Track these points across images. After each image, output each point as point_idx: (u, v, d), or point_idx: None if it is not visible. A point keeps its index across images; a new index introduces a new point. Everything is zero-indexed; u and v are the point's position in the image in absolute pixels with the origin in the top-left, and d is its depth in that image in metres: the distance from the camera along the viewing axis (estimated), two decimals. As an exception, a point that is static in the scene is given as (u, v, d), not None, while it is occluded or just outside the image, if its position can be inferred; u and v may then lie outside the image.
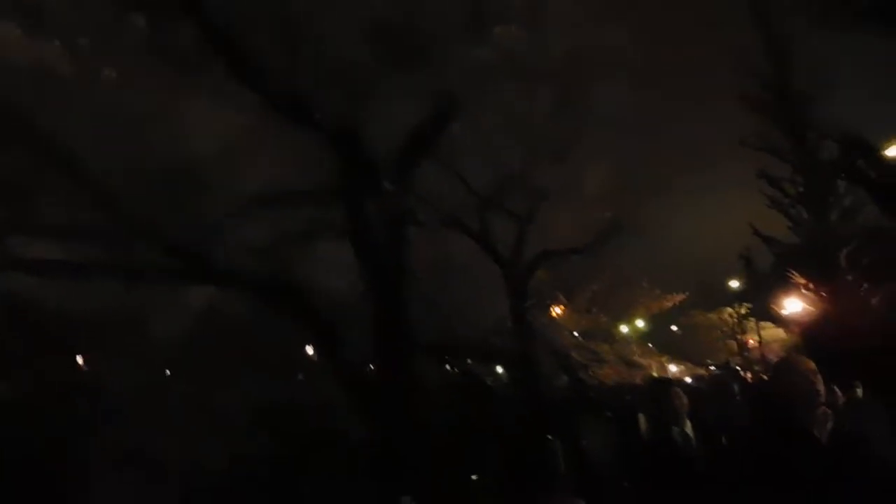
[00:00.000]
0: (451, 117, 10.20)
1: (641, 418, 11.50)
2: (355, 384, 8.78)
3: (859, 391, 7.84)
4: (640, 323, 25.72)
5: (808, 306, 16.80)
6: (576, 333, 20.30)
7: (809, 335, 16.96)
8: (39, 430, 9.83)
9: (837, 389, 6.90)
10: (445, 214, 14.47)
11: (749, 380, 16.77)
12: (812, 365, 3.23)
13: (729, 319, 31.47)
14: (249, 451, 10.54)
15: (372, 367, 9.25)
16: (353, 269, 9.71)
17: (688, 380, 21.06)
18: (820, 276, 16.63)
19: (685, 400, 5.40)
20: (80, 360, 13.67)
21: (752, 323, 27.51)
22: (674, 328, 31.76)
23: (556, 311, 19.83)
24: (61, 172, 8.99)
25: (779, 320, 20.35)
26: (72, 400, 11.42)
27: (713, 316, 32.05)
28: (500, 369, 19.58)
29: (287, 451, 10.66)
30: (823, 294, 16.51)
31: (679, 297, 24.57)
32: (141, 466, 9.22)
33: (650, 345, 24.54)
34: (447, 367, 17.81)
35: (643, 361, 22.84)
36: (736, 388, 9.64)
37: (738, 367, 23.60)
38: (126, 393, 10.83)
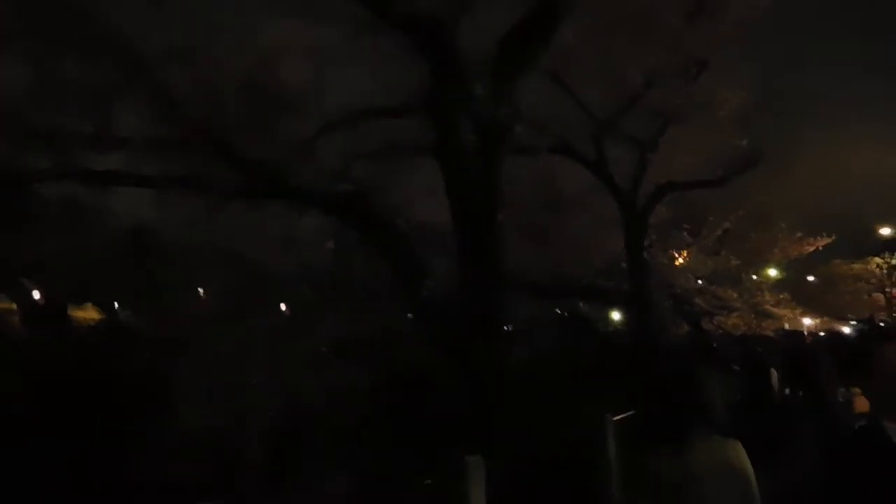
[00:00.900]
0: (560, 16, 8.62)
1: (775, 374, 9.65)
2: (434, 318, 7.69)
3: None
4: (773, 271, 23.27)
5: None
6: (700, 278, 18.37)
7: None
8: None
9: None
10: (555, 139, 12.92)
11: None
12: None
13: (877, 271, 29.05)
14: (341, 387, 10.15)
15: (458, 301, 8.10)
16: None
17: (822, 335, 18.95)
18: None
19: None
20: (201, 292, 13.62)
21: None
22: (810, 278, 29.02)
23: (679, 251, 17.92)
24: (138, 83, 8.49)
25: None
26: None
27: (858, 266, 29.08)
28: (616, 316, 18.13)
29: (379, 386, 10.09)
30: None
31: (822, 242, 21.82)
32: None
33: (785, 294, 22.08)
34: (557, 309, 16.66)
35: (777, 312, 20.59)
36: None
37: (882, 323, 21.07)
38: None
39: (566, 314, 14.79)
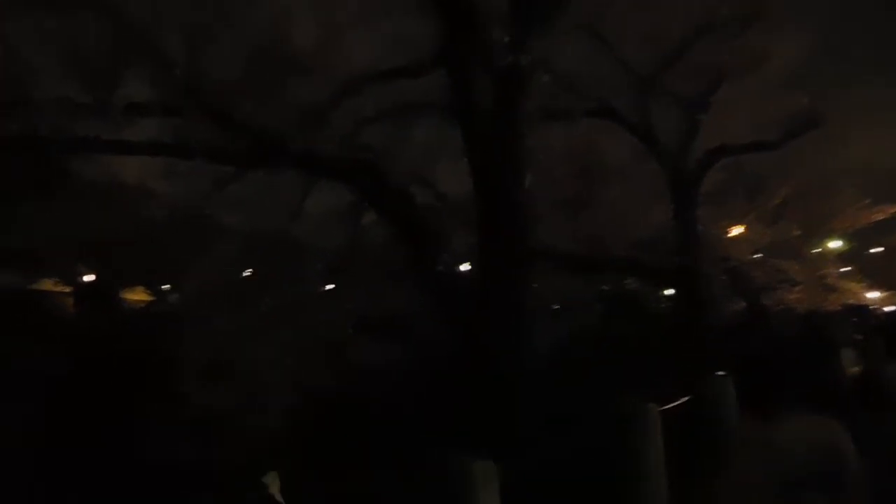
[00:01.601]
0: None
1: (846, 354, 8.64)
2: (448, 295, 6.90)
3: None
4: (837, 241, 21.70)
5: None
6: (758, 250, 17.11)
7: None
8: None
9: None
10: (594, 102, 11.91)
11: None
12: None
13: (952, 241, 27.05)
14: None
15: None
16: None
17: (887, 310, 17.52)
18: None
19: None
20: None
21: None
22: (876, 249, 27.26)
23: (734, 221, 16.68)
24: (142, 49, 7.96)
25: None
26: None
27: (931, 236, 27.23)
28: (668, 292, 17.04)
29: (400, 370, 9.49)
30: None
31: (890, 210, 20.19)
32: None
33: (850, 266, 20.54)
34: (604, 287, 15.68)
35: (841, 285, 19.14)
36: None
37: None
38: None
39: (611, 291, 13.82)
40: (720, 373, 6.36)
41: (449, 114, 7.57)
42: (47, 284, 14.68)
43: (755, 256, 17.08)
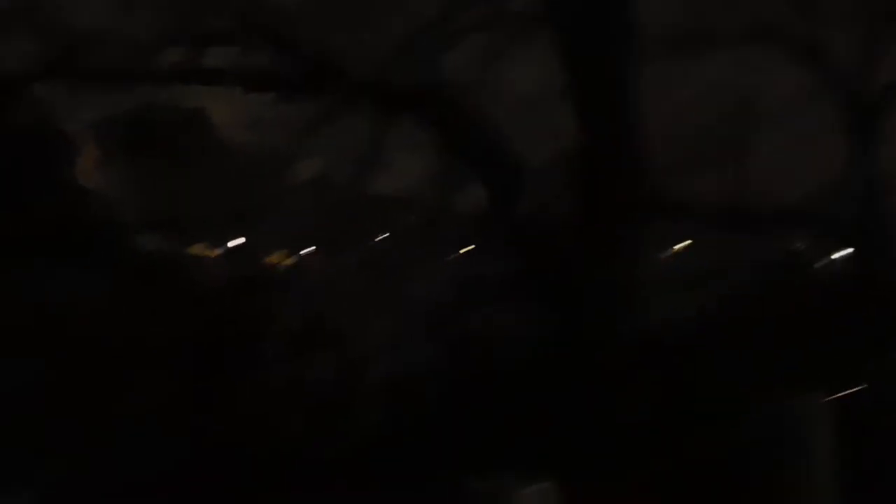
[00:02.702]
0: None
1: None
2: (530, 252, 5.43)
3: None
4: None
5: None
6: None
7: None
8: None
9: None
10: (742, 23, 9.79)
11: None
12: None
13: None
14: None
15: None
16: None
17: None
18: None
19: None
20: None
21: None
22: None
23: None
24: None
25: None
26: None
27: None
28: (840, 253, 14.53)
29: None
30: None
31: None
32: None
33: None
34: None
35: None
36: None
37: None
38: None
39: (765, 253, 11.70)
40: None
41: (542, 26, 5.99)
42: (196, 250, 14.94)
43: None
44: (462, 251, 9.84)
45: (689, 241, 10.52)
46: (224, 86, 7.37)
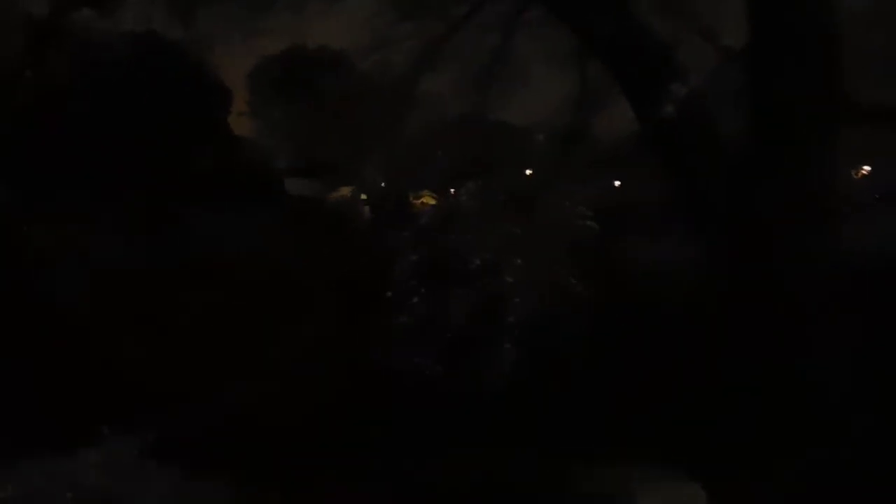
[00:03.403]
0: None
1: None
2: (684, 164, 4.81)
3: None
4: None
5: None
6: None
7: None
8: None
9: None
10: None
11: None
12: None
13: None
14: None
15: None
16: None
17: None
18: None
19: None
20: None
21: None
22: None
23: None
24: None
25: None
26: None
27: None
28: None
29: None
30: None
31: None
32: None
33: None
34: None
35: None
36: None
37: None
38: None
39: None
40: None
41: None
42: (345, 191, 15.36)
43: None
44: (611, 180, 9.21)
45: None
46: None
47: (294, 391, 6.76)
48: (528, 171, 10.22)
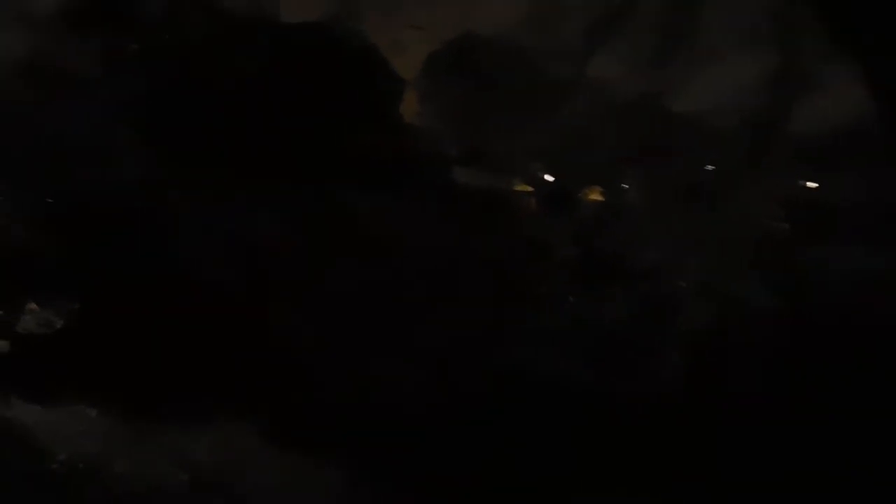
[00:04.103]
0: None
1: None
2: None
3: None
4: None
5: None
6: None
7: None
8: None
9: None
10: None
11: None
12: None
13: None
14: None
15: None
16: None
17: None
18: None
19: None
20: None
21: None
22: None
23: None
24: None
25: None
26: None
27: None
28: None
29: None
30: None
31: None
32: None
33: None
34: None
35: None
36: None
37: None
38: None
39: None
40: None
41: None
42: (512, 182, 15.40)
43: None
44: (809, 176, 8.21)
45: None
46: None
47: (430, 383, 6.61)
48: (709, 163, 9.51)
